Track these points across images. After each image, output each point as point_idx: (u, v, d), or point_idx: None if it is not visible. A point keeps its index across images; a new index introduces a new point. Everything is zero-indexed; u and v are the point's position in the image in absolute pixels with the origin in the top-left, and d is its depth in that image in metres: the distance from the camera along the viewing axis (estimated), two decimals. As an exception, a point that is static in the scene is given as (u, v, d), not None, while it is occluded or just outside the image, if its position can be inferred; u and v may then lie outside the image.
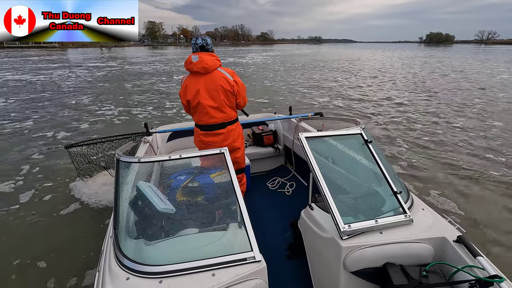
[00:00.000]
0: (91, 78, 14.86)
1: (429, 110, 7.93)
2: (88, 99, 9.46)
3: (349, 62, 25.23)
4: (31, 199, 3.42)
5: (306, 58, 30.95)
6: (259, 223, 2.33)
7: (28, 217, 3.05)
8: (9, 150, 4.97)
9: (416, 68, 20.01)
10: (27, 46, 54.88)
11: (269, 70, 18.50)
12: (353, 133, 1.59)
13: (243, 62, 25.50)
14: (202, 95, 2.01)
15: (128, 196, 1.37)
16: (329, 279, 1.37)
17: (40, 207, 3.24)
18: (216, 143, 2.14)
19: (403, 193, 1.46)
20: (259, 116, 3.46)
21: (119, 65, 22.23)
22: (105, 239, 1.42)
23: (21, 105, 8.57)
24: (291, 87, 11.83)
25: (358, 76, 15.78)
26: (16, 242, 2.67)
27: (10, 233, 2.81)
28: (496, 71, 17.43)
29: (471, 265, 1.12)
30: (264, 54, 39.23)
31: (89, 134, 6.01)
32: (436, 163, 4.46)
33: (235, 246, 1.15)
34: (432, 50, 55.80)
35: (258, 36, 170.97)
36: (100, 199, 3.23)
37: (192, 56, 1.98)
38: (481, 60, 27.53)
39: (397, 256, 1.23)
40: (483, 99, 9.34)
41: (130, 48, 68.54)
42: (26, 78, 14.60)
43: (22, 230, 2.86)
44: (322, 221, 1.38)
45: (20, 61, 25.15)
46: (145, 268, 1.06)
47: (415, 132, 5.97)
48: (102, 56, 33.93)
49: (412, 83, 12.84)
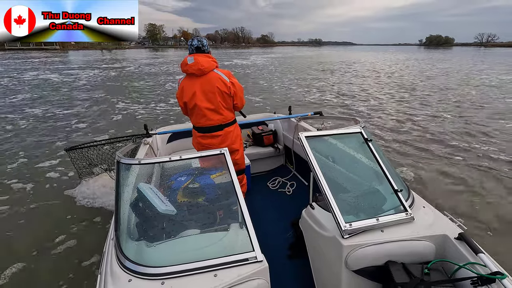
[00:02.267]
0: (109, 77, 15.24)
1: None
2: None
3: (361, 65, 25.23)
4: (31, 199, 3.42)
5: (310, 61, 30.77)
6: (260, 223, 2.33)
7: (28, 218, 3.06)
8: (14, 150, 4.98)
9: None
10: (28, 48, 54.50)
11: (277, 73, 18.42)
12: (353, 131, 1.59)
13: (248, 64, 25.72)
14: (199, 97, 1.99)
15: (129, 198, 1.37)
16: (331, 278, 1.37)
17: (41, 209, 3.24)
18: (213, 145, 2.11)
19: (404, 191, 1.46)
20: (259, 116, 3.46)
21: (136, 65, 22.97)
22: (106, 241, 1.42)
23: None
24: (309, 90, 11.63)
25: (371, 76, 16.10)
26: (15, 243, 2.67)
27: (9, 234, 2.81)
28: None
29: (473, 262, 1.12)
30: (266, 56, 39.36)
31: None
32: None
33: (237, 247, 1.15)
34: (430, 53, 56.44)
35: (258, 38, 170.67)
36: (101, 201, 3.23)
37: (188, 58, 1.96)
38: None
39: (399, 254, 1.23)
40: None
41: (131, 50, 68.50)
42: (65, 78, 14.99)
43: (22, 231, 2.86)
44: (323, 220, 1.38)
45: (38, 63, 25.48)
46: (147, 270, 1.06)
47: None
48: (112, 58, 34.14)
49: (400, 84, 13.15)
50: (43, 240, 2.72)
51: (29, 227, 2.94)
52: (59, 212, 3.18)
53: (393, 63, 26.58)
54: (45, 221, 3.04)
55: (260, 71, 19.52)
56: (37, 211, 3.22)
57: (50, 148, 5.29)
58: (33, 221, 3.03)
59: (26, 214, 3.17)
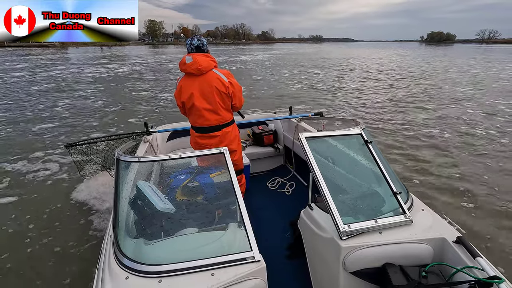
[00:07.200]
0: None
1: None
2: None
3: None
4: (30, 195, 3.43)
5: (316, 57, 31.02)
6: (259, 223, 2.33)
7: (26, 213, 3.06)
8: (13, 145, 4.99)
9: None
10: (28, 45, 54.65)
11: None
12: (353, 133, 1.59)
13: (259, 60, 26.09)
14: (197, 97, 1.97)
15: (128, 196, 1.37)
16: (328, 279, 1.37)
17: (39, 205, 3.25)
18: (211, 146, 2.08)
19: (403, 194, 1.46)
20: (259, 116, 3.46)
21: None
22: (104, 238, 1.42)
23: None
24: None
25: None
26: (13, 240, 2.68)
27: (6, 231, 2.82)
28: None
29: (471, 266, 1.12)
30: (270, 53, 39.46)
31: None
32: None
33: (235, 246, 1.15)
34: (429, 49, 56.64)
35: (259, 35, 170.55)
36: (100, 198, 3.23)
37: (186, 57, 1.93)
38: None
39: (397, 257, 1.23)
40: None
41: (130, 46, 68.51)
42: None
43: (18, 227, 2.86)
44: (322, 221, 1.38)
45: (48, 60, 25.45)
46: (145, 268, 1.06)
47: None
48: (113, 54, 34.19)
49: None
50: (41, 237, 2.72)
51: (27, 223, 2.94)
52: (58, 208, 3.18)
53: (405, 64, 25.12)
54: (43, 217, 3.04)
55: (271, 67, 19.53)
56: (35, 207, 3.22)
57: (51, 143, 5.30)
58: (31, 217, 3.03)
59: (24, 209, 3.17)
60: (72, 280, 2.22)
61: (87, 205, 3.20)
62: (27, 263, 2.40)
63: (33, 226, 2.89)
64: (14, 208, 3.21)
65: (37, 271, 2.32)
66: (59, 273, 2.29)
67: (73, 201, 3.30)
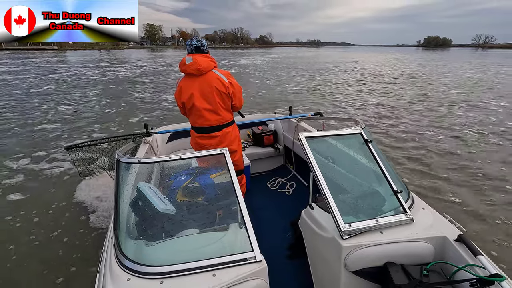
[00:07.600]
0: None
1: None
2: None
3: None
4: (30, 197, 3.43)
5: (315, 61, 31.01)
6: (260, 223, 2.33)
7: (26, 215, 3.06)
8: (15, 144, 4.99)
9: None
10: (26, 48, 54.17)
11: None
12: (353, 132, 1.59)
13: (257, 63, 26.05)
14: (197, 97, 1.98)
15: (129, 197, 1.37)
16: (329, 279, 1.37)
17: (40, 207, 3.25)
18: (211, 146, 2.09)
19: (404, 193, 1.45)
20: (259, 116, 3.46)
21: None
22: (105, 240, 1.41)
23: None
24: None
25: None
26: (12, 240, 2.67)
27: (6, 232, 2.81)
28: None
29: (472, 264, 1.12)
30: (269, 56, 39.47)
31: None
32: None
33: (236, 246, 1.15)
34: (425, 53, 57.23)
35: (257, 39, 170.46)
36: (100, 199, 3.23)
37: (186, 58, 1.94)
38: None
39: (398, 256, 1.23)
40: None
41: (129, 50, 68.53)
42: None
43: (19, 229, 2.86)
44: (323, 221, 1.38)
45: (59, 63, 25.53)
46: (146, 269, 1.06)
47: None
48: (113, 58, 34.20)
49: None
50: (42, 238, 2.72)
51: (27, 225, 2.93)
52: (59, 210, 3.18)
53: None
54: (44, 219, 3.04)
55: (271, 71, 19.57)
56: (36, 209, 3.21)
57: (52, 145, 5.30)
58: (32, 219, 3.03)
59: (25, 212, 3.17)
60: (73, 282, 2.22)
61: (86, 207, 3.19)
62: (26, 265, 2.39)
63: (31, 227, 2.89)
64: (11, 209, 3.21)
65: (36, 273, 2.31)
66: (60, 275, 2.28)
67: (72, 203, 3.29)
